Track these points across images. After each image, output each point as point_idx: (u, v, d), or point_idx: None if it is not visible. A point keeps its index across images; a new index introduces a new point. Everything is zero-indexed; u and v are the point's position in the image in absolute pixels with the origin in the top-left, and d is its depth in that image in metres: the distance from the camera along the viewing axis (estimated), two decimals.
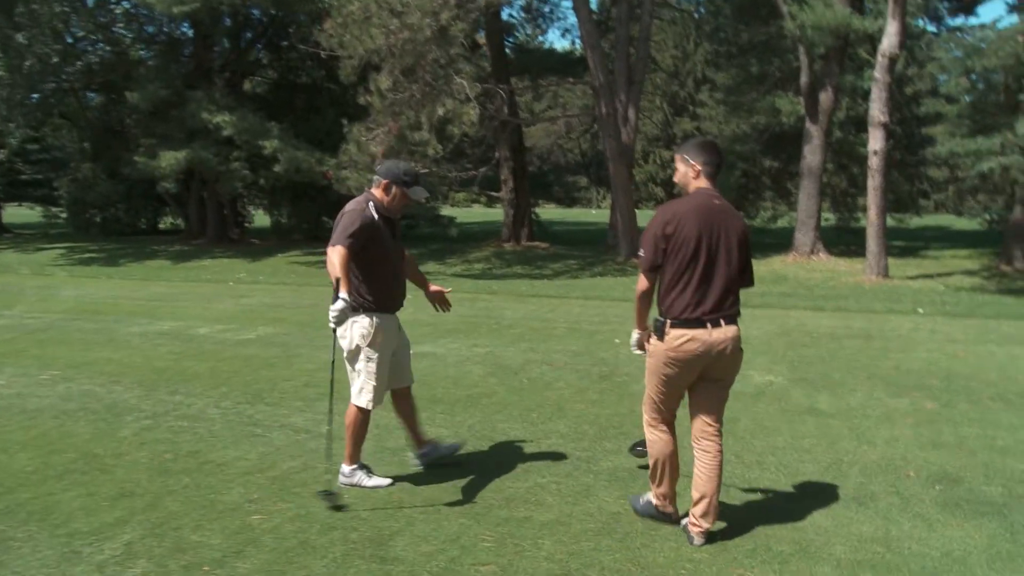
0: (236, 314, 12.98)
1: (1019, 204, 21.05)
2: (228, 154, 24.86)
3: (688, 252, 4.35)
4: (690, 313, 4.35)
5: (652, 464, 4.69)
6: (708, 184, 4.55)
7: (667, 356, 4.44)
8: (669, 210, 4.45)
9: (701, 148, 4.60)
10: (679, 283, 4.38)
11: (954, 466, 5.61)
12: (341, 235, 5.01)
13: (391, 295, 5.30)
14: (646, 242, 4.44)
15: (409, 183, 5.21)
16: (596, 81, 22.10)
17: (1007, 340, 10.49)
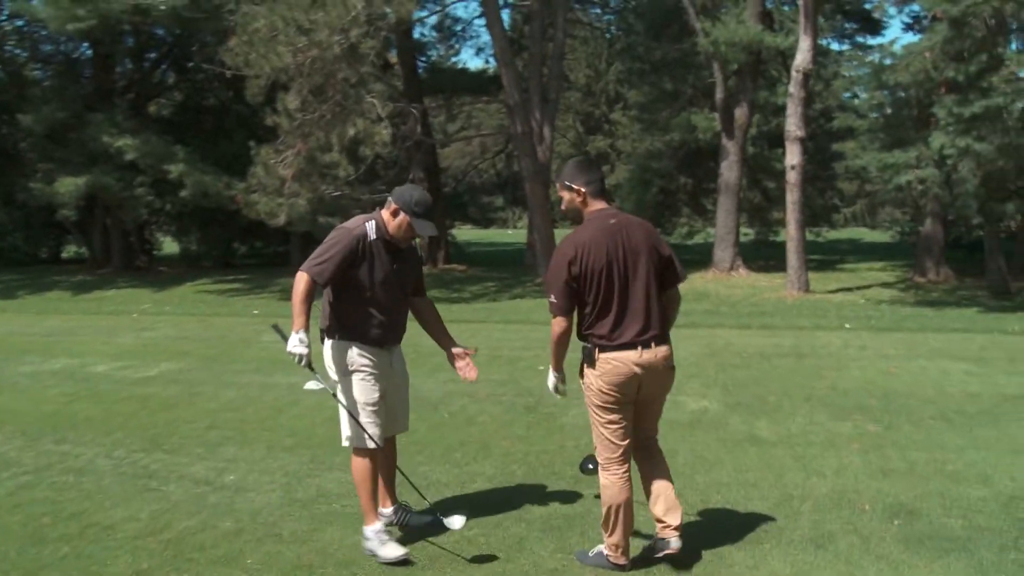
0: (137, 349, 12.19)
1: (929, 217, 21.34)
2: (132, 179, 23.79)
3: (601, 282, 4.18)
4: (618, 338, 4.19)
5: (605, 512, 4.32)
6: (600, 203, 4.32)
7: (603, 382, 4.21)
8: (569, 246, 4.20)
9: (579, 169, 4.38)
10: (598, 313, 4.22)
11: (909, 496, 5.28)
12: (312, 259, 4.52)
13: (378, 327, 4.65)
14: (554, 287, 4.20)
15: (418, 215, 4.59)
16: (511, 99, 21.75)
17: (936, 354, 10.34)
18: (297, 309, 4.43)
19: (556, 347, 4.35)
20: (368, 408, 4.61)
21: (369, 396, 4.62)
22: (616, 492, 4.27)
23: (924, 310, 15.11)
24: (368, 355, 4.63)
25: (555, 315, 4.22)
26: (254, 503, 5.44)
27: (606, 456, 4.32)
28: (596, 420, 4.33)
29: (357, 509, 5.20)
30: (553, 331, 4.27)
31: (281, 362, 10.53)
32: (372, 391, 4.63)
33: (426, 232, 4.66)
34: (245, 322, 15.52)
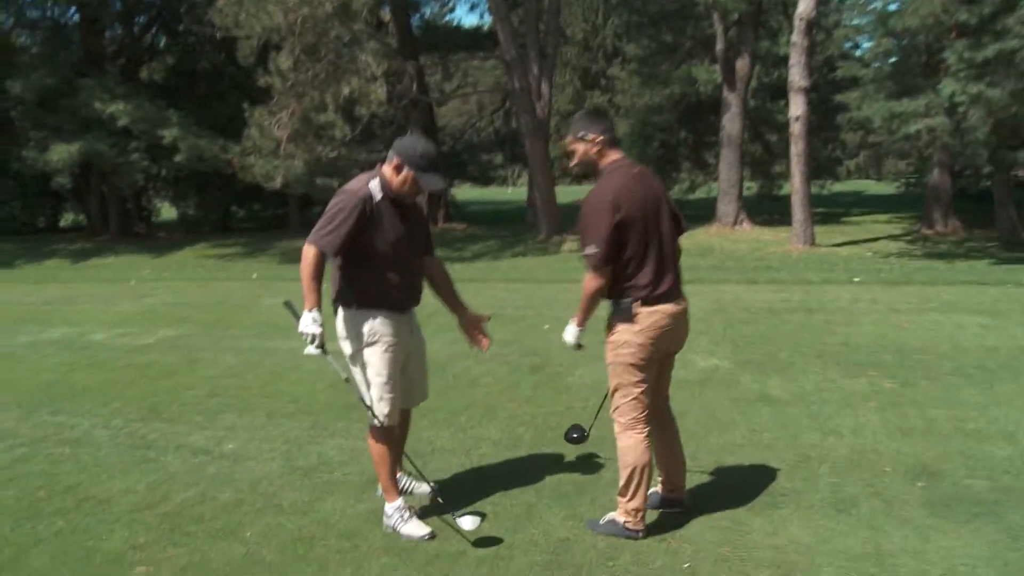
0: (137, 315, 12.00)
1: (936, 167, 21.03)
2: (125, 145, 23.52)
3: (639, 232, 4.00)
4: (654, 290, 4.04)
5: (628, 474, 4.14)
6: (616, 152, 4.13)
7: (645, 337, 4.03)
8: (608, 191, 3.97)
9: (591, 119, 4.17)
10: (638, 264, 4.02)
11: (930, 456, 5.09)
12: (318, 230, 4.19)
13: (395, 290, 4.34)
14: (595, 235, 3.95)
15: (423, 168, 4.24)
16: (507, 55, 21.40)
17: (949, 308, 10.13)
18: (308, 286, 4.13)
19: (590, 301, 4.11)
20: (390, 380, 4.32)
21: (390, 368, 4.31)
22: (641, 452, 4.10)
23: (934, 263, 14.87)
24: (389, 323, 4.31)
25: (595, 266, 3.97)
26: (254, 472, 5.27)
27: (632, 416, 4.12)
28: (627, 380, 4.11)
29: (359, 477, 5.07)
30: (589, 285, 4.03)
31: (281, 327, 10.34)
32: (393, 363, 4.32)
33: (434, 187, 4.33)
34: (244, 286, 15.32)
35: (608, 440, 5.42)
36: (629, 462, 4.11)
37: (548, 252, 19.61)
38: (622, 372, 4.11)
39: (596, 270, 3.98)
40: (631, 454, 4.12)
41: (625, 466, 4.13)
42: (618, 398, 4.17)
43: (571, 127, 4.13)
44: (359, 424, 6.13)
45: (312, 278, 4.14)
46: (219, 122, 23.98)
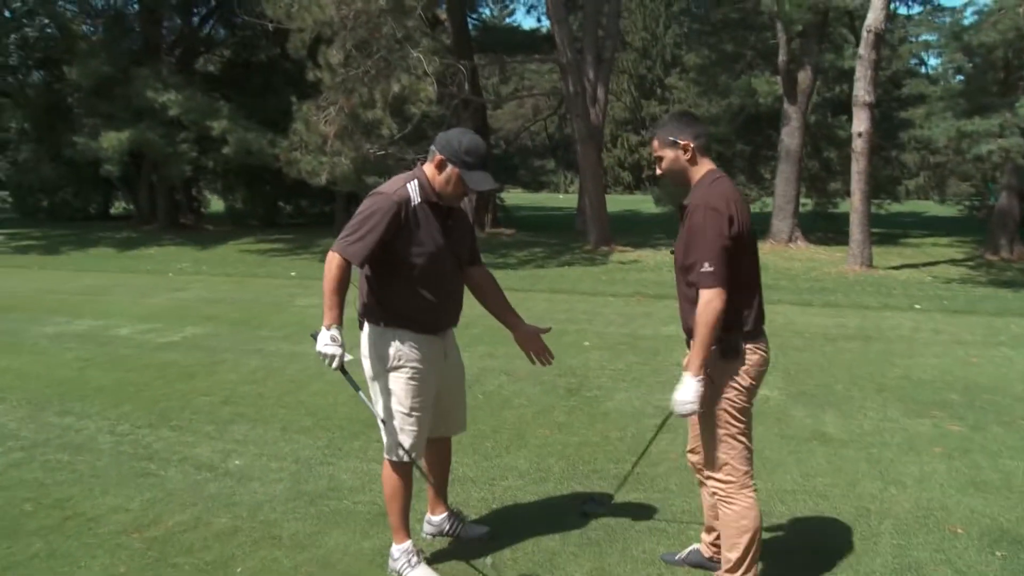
0: (167, 310, 11.71)
1: (1005, 190, 20.16)
2: (175, 135, 23.44)
3: (748, 253, 3.46)
4: (757, 323, 3.51)
5: (745, 544, 3.48)
6: (709, 162, 3.56)
7: (750, 377, 3.48)
8: (720, 200, 3.36)
9: (684, 121, 3.56)
10: (745, 293, 3.45)
11: (1009, 519, 4.52)
12: (345, 236, 3.68)
13: (430, 310, 3.84)
14: (712, 250, 3.29)
15: (470, 164, 3.73)
16: (563, 58, 20.91)
17: (1020, 343, 9.45)
18: (329, 299, 3.62)
19: (711, 332, 3.31)
20: (413, 414, 3.82)
21: (413, 399, 3.81)
22: (757, 515, 3.50)
23: (1000, 291, 14.10)
24: (418, 346, 3.82)
25: (713, 286, 3.28)
26: (256, 495, 4.86)
27: (743, 471, 3.52)
28: (733, 429, 3.50)
29: (370, 508, 4.64)
30: (712, 308, 3.27)
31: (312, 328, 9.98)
32: (417, 392, 3.82)
33: (482, 187, 3.77)
34: (281, 284, 15.02)
35: (647, 478, 4.95)
36: (747, 527, 3.47)
37: (595, 263, 19.09)
38: (728, 420, 3.49)
39: (720, 288, 3.28)
40: (748, 518, 3.48)
41: (742, 532, 3.48)
42: (723, 453, 3.51)
43: (658, 130, 3.58)
44: (377, 444, 5.68)
45: (335, 291, 3.63)
46: (271, 116, 23.77)
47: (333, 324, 3.62)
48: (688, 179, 3.53)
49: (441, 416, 4.05)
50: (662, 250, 21.23)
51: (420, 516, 4.39)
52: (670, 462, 5.33)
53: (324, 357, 3.62)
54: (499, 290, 4.21)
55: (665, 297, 13.22)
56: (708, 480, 3.60)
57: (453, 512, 4.37)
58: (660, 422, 4.25)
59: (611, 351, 8.95)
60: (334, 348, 3.59)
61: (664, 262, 18.93)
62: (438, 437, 4.15)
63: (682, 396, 3.36)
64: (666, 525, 4.42)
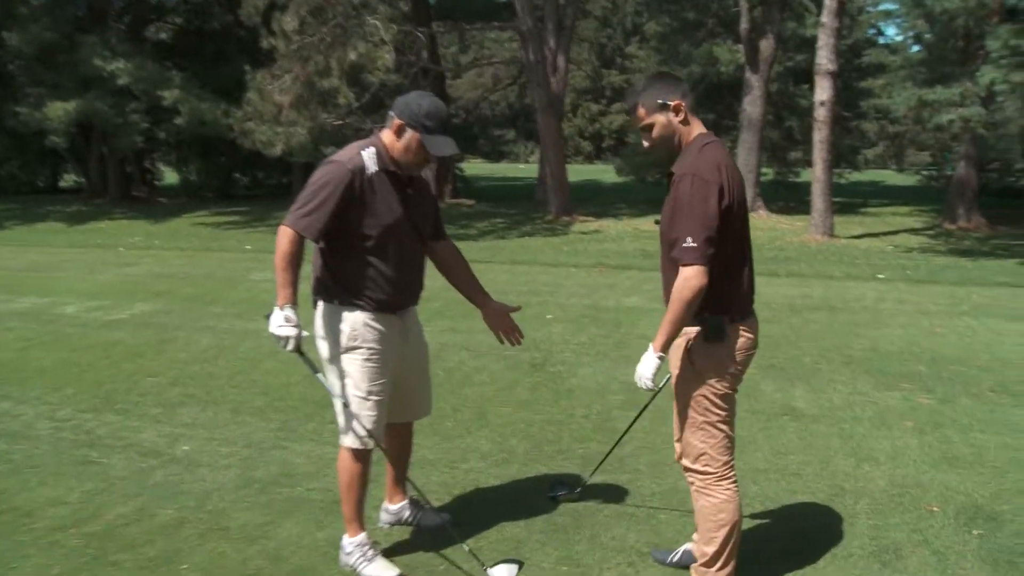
0: (115, 287, 11.32)
1: (963, 160, 20.21)
2: (125, 105, 22.75)
3: (739, 226, 3.16)
4: (746, 303, 3.25)
5: (722, 538, 3.26)
6: (702, 124, 3.25)
7: (735, 361, 3.21)
8: (711, 168, 3.05)
9: (668, 80, 3.24)
10: (734, 269, 3.17)
11: (984, 494, 4.39)
12: (297, 208, 3.41)
13: (387, 287, 3.55)
14: (700, 223, 2.99)
15: (431, 128, 3.43)
16: (524, 25, 20.56)
17: (982, 312, 9.39)
18: (281, 277, 3.37)
19: (686, 310, 3.03)
20: (370, 398, 3.55)
21: (371, 382, 3.54)
22: (736, 508, 3.26)
23: (960, 260, 14.09)
24: (376, 325, 3.55)
25: (693, 263, 2.99)
26: (204, 483, 4.60)
27: (724, 461, 3.26)
28: (713, 417, 3.23)
29: (324, 496, 4.40)
30: (689, 286, 2.99)
31: (266, 305, 9.65)
32: (375, 375, 3.55)
33: (444, 152, 3.48)
34: (235, 258, 14.64)
35: (614, 458, 4.75)
36: (725, 520, 3.24)
37: (556, 233, 18.88)
38: (708, 407, 3.22)
39: (701, 265, 2.98)
40: (726, 511, 3.24)
41: (720, 526, 3.24)
42: (700, 441, 3.25)
43: (641, 95, 3.21)
44: (332, 426, 5.44)
45: (287, 267, 3.37)
46: (225, 85, 23.16)
47: (287, 303, 3.38)
48: (679, 143, 3.22)
49: (402, 400, 3.80)
50: (623, 220, 21.07)
51: (377, 504, 4.17)
52: (638, 441, 5.14)
53: (278, 339, 3.38)
54: (466, 266, 3.95)
55: (627, 268, 13.06)
56: (685, 470, 3.36)
57: (412, 500, 4.15)
58: (642, 407, 4.04)
59: (574, 324, 8.76)
60: (288, 329, 3.35)
61: (625, 232, 18.78)
62: (399, 422, 3.90)
63: (641, 369, 3.17)
64: (635, 510, 4.23)
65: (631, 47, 63.53)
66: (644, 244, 16.39)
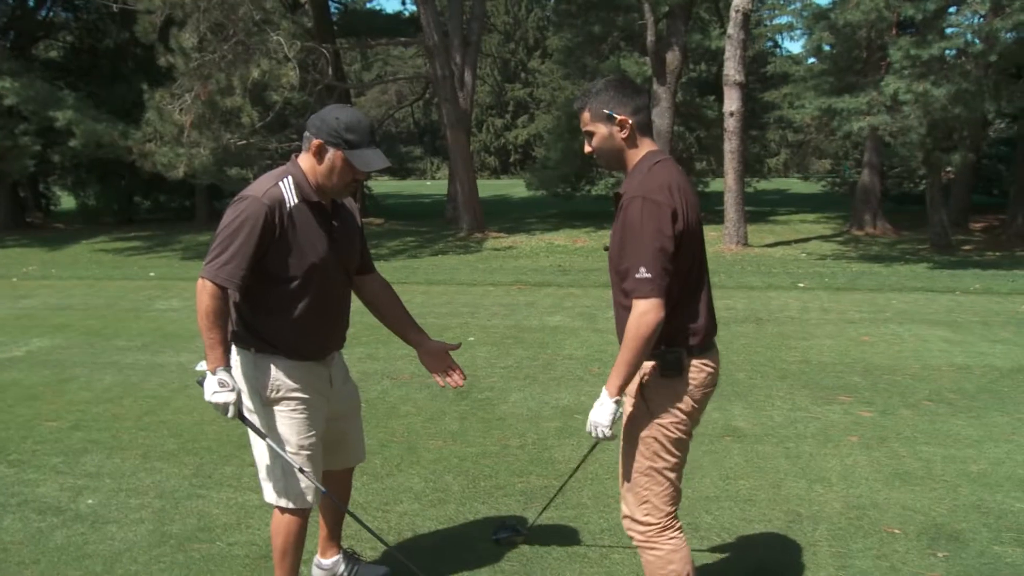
0: (8, 321, 10.61)
1: (867, 167, 20.66)
2: (14, 127, 21.75)
3: (695, 252, 2.89)
4: (707, 334, 2.95)
5: None
6: (649, 142, 2.96)
7: (691, 402, 2.91)
8: (662, 191, 2.77)
9: (623, 91, 2.92)
10: (689, 299, 2.89)
11: (942, 512, 4.26)
12: (213, 256, 3.03)
13: (312, 334, 3.21)
14: (650, 252, 2.72)
15: (355, 143, 3.05)
16: (430, 40, 20.34)
17: (905, 318, 9.46)
18: (208, 338, 3.03)
19: (643, 347, 2.76)
20: (301, 452, 3.20)
21: (301, 436, 3.20)
22: (685, 556, 2.97)
23: (873, 266, 14.32)
24: (300, 374, 3.20)
25: (648, 295, 2.72)
26: (113, 543, 4.17)
27: (666, 512, 2.96)
28: (663, 463, 2.94)
29: (248, 550, 4.02)
30: (645, 322, 2.72)
31: (173, 336, 9.18)
32: (305, 427, 3.21)
33: (373, 166, 3.08)
34: (139, 286, 13.97)
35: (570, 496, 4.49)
36: (676, 571, 2.95)
37: (470, 250, 18.64)
38: (659, 451, 2.93)
39: (656, 298, 2.72)
40: (675, 561, 2.94)
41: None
42: (643, 488, 2.96)
43: (590, 100, 2.93)
44: (251, 469, 5.07)
45: (213, 326, 3.01)
46: (123, 106, 22.41)
47: (218, 366, 3.03)
48: (624, 161, 2.95)
49: (335, 447, 3.45)
50: (536, 234, 20.95)
51: (308, 557, 3.82)
52: (579, 472, 4.87)
53: (216, 407, 3.03)
54: (398, 301, 3.59)
55: (546, 285, 12.88)
56: (624, 519, 3.04)
57: (347, 553, 3.81)
58: (587, 450, 3.77)
59: (498, 346, 8.50)
60: (225, 395, 3.01)
61: (539, 247, 18.65)
62: (335, 470, 3.55)
63: (596, 417, 2.85)
64: (586, 550, 3.97)
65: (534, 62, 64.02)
66: (559, 259, 16.27)
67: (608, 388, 2.83)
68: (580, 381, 7.05)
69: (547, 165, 26.41)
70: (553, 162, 25.72)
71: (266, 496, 3.30)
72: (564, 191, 26.58)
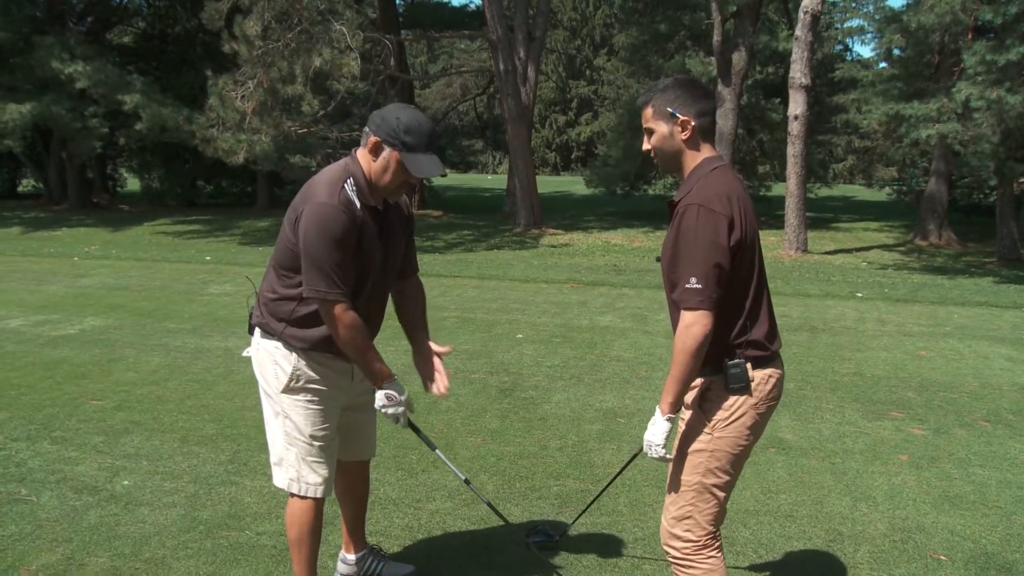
0: (66, 300, 10.79)
1: (934, 176, 20.14)
2: (84, 109, 22.17)
3: (753, 262, 2.76)
4: (770, 344, 2.81)
5: None
6: (710, 147, 2.84)
7: (755, 415, 2.79)
8: (719, 200, 2.67)
9: (689, 91, 2.80)
10: (751, 309, 2.77)
11: (992, 539, 4.08)
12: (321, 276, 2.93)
13: None
14: (703, 263, 2.63)
15: (412, 147, 2.98)
16: (494, 34, 20.26)
17: (967, 334, 9.15)
18: (364, 358, 3.11)
19: (693, 363, 2.68)
20: (315, 443, 3.18)
21: (316, 427, 3.18)
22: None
23: (936, 278, 13.93)
24: (322, 366, 3.17)
25: (697, 307, 2.64)
26: (144, 525, 4.17)
27: (708, 531, 2.85)
28: (713, 479, 2.82)
29: (276, 540, 3.98)
30: (693, 335, 2.64)
31: (222, 320, 9.24)
32: (320, 419, 3.19)
33: (427, 172, 3.02)
34: (194, 269, 14.14)
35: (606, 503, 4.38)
36: None
37: (526, 246, 18.55)
38: (713, 467, 2.81)
39: (706, 311, 2.64)
40: None
41: None
42: (689, 504, 2.84)
43: (655, 96, 2.81)
44: None
45: (365, 346, 3.09)
46: (188, 91, 22.75)
47: (385, 378, 3.18)
48: (680, 164, 2.84)
49: (350, 439, 3.42)
50: (593, 233, 20.78)
51: (335, 551, 3.77)
52: (617, 478, 4.76)
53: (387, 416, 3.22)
54: (422, 307, 3.53)
55: (599, 284, 12.73)
56: (663, 534, 2.93)
57: (372, 549, 3.74)
58: (628, 458, 3.66)
59: (546, 345, 8.39)
60: (396, 407, 3.19)
61: (596, 246, 18.49)
62: (348, 462, 3.50)
63: (651, 436, 2.79)
64: (618, 559, 3.86)
65: (599, 59, 63.68)
66: (615, 258, 16.09)
67: (661, 407, 2.76)
68: (626, 384, 6.92)
69: (608, 163, 26.16)
70: (614, 160, 25.47)
71: (276, 480, 3.27)
72: (623, 190, 26.36)
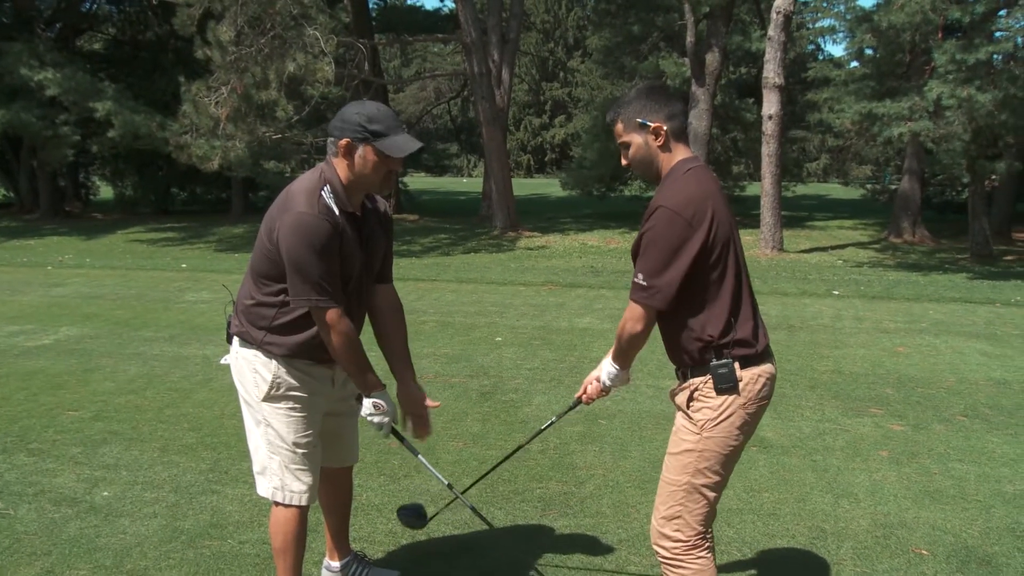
0: (40, 310, 10.68)
1: (907, 174, 20.33)
2: (55, 117, 21.96)
3: (734, 260, 2.77)
4: (758, 342, 2.80)
5: None
6: (684, 148, 2.84)
7: (744, 415, 2.77)
8: (693, 199, 2.68)
9: (655, 97, 2.81)
10: (732, 306, 2.75)
11: (972, 533, 4.11)
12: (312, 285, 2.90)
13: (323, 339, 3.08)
14: (665, 263, 2.66)
15: (382, 132, 2.93)
16: (468, 37, 20.27)
17: (942, 329, 9.24)
18: (357, 366, 3.06)
19: (629, 348, 2.86)
20: (298, 451, 3.16)
21: (298, 434, 3.15)
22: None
23: (911, 275, 14.06)
24: (303, 373, 3.14)
25: (637, 302, 2.73)
26: (125, 536, 4.12)
27: (697, 531, 2.84)
28: (703, 479, 2.81)
29: (259, 549, 3.96)
30: (629, 328, 2.77)
31: (200, 328, 9.18)
32: (303, 426, 3.15)
33: (408, 149, 2.95)
34: (170, 277, 14.04)
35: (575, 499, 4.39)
36: None
37: (503, 249, 18.55)
38: (703, 468, 2.80)
39: (646, 308, 2.72)
40: None
41: None
42: (678, 504, 2.83)
43: (623, 109, 2.83)
44: None
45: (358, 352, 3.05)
46: (161, 98, 22.58)
47: (374, 388, 3.13)
48: (658, 169, 2.84)
49: (332, 445, 3.39)
50: (570, 235, 20.82)
51: (319, 558, 3.75)
52: (599, 479, 4.79)
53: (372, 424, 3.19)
54: (402, 330, 3.42)
55: (577, 286, 12.76)
56: (652, 534, 2.92)
57: (356, 555, 3.73)
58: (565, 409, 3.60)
59: (525, 347, 8.39)
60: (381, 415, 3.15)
61: (572, 247, 18.53)
62: (332, 468, 3.48)
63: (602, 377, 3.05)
64: (603, 560, 3.87)
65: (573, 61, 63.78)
66: (592, 260, 16.13)
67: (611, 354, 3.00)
68: None
69: (583, 165, 26.25)
70: (589, 162, 25.55)
71: (260, 489, 3.25)
72: (599, 191, 26.43)
